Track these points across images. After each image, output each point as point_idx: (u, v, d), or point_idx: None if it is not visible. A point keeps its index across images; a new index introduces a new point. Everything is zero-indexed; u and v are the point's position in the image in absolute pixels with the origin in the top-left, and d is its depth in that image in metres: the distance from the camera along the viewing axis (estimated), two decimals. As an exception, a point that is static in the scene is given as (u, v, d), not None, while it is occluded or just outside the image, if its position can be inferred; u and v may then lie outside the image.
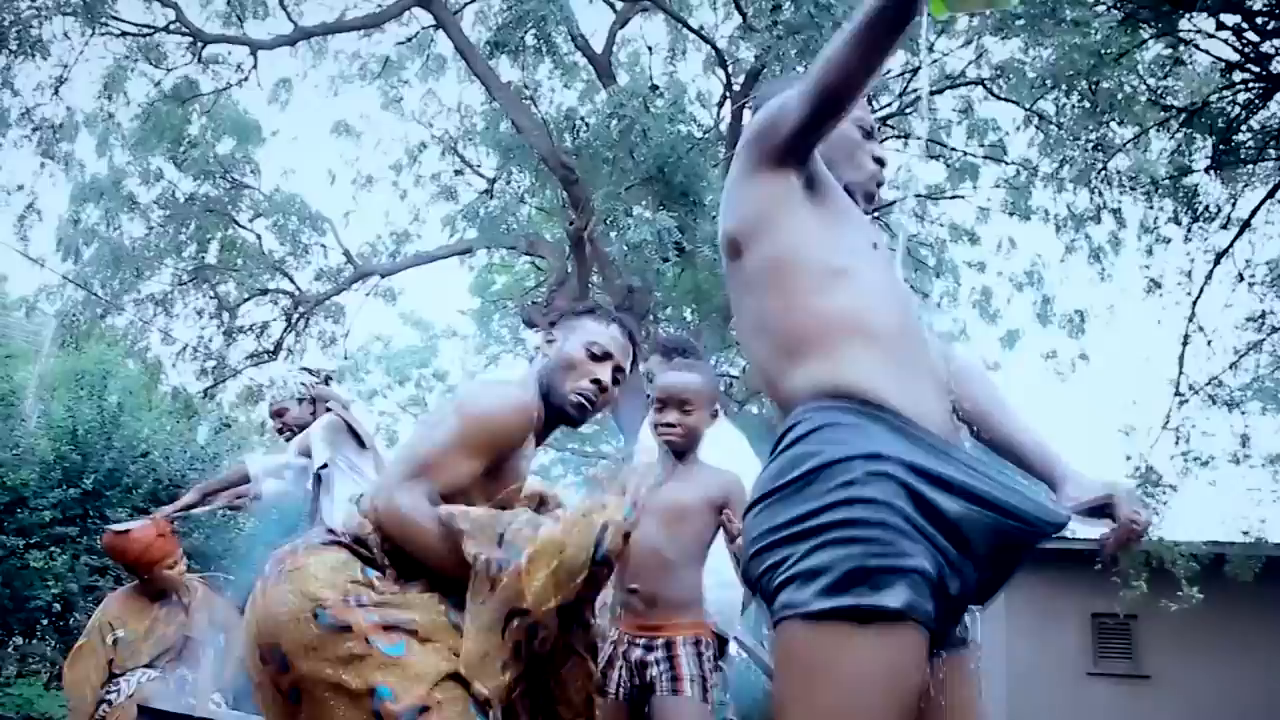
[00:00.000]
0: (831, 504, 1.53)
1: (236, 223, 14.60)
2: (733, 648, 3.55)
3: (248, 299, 14.82)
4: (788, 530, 1.55)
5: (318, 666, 2.02)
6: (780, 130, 1.79)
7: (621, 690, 2.91)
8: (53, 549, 8.83)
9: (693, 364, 3.32)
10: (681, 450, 3.09)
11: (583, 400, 2.50)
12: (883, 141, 2.25)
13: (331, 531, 2.25)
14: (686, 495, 3.01)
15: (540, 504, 2.53)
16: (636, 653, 2.91)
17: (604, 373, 2.54)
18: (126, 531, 4.85)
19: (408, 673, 2.02)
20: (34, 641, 9.48)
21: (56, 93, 12.48)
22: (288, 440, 4.92)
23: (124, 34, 12.68)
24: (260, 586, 2.16)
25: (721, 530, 2.98)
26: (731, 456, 3.37)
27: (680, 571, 2.98)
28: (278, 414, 5.00)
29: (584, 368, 2.52)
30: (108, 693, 4.60)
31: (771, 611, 1.56)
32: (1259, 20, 8.97)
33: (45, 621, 9.22)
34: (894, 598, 1.46)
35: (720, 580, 3.55)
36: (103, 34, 12.36)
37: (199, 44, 12.97)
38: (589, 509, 2.19)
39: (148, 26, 12.74)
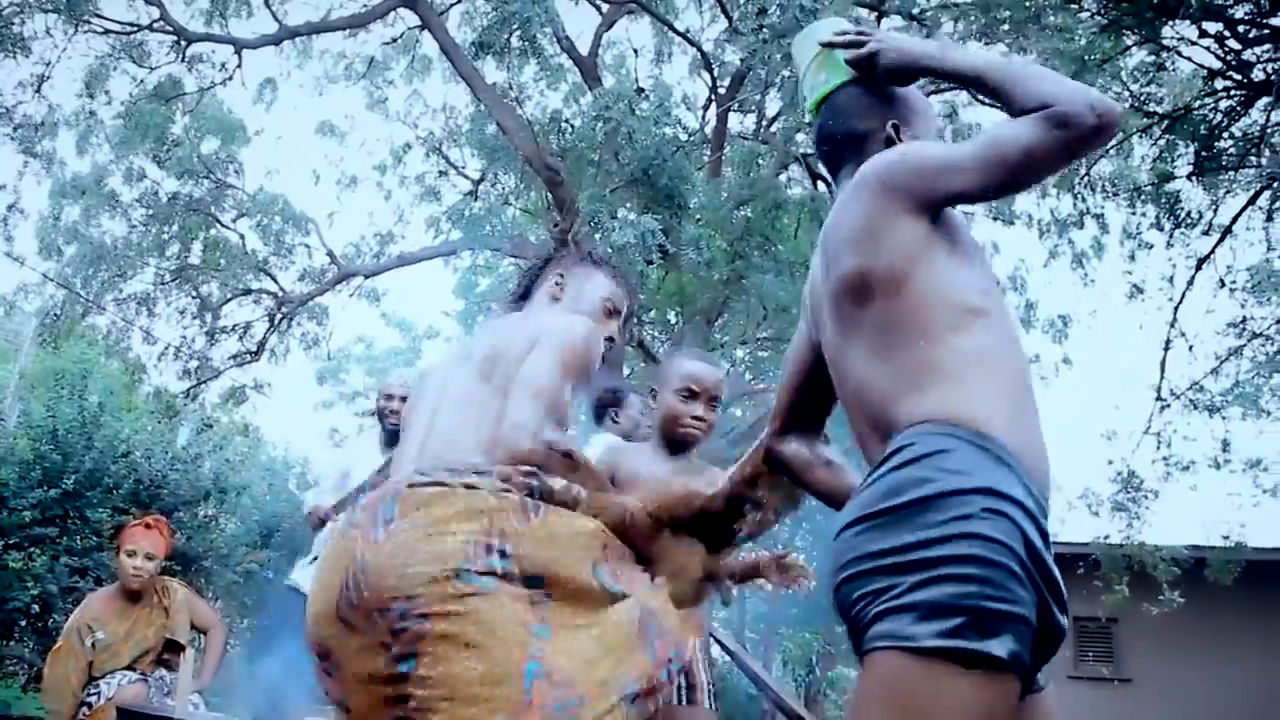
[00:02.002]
0: (947, 537, 1.49)
1: (220, 222, 14.55)
2: (716, 651, 3.54)
3: (230, 299, 14.77)
4: (895, 558, 1.52)
5: (456, 627, 1.79)
6: (942, 186, 1.77)
7: None
8: (32, 550, 8.77)
9: (706, 355, 3.27)
10: (693, 445, 2.98)
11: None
12: None
13: (436, 482, 1.97)
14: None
15: None
16: None
17: (615, 330, 2.53)
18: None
19: (560, 652, 1.85)
20: (11, 643, 9.40)
21: (38, 91, 12.41)
22: (390, 428, 4.73)
23: (107, 32, 12.63)
24: (370, 532, 1.90)
25: None
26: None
27: None
28: (391, 397, 4.83)
29: (602, 323, 2.48)
30: (88, 695, 4.57)
31: (863, 638, 1.53)
32: (1240, 28, 9.03)
33: (24, 623, 9.15)
34: (1001, 646, 1.44)
35: None
36: (85, 32, 12.30)
37: (183, 42, 12.91)
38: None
39: (131, 24, 12.69)
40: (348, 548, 1.90)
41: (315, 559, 4.32)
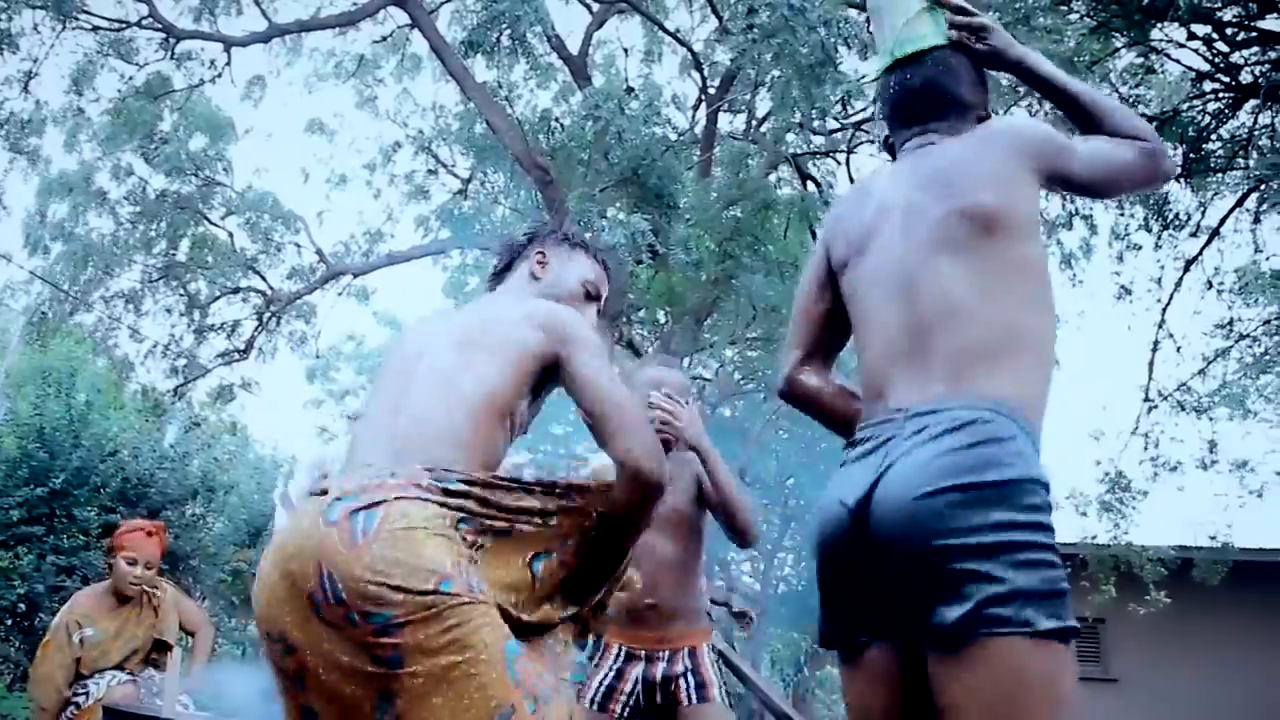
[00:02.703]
0: (1033, 524, 1.63)
1: (208, 220, 14.51)
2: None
3: (219, 297, 14.74)
4: (987, 537, 1.59)
5: (436, 632, 1.79)
6: (1061, 164, 1.94)
7: (628, 708, 2.83)
8: (18, 548, 8.74)
9: (674, 362, 3.29)
10: (668, 449, 2.99)
11: None
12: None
13: (415, 484, 1.93)
14: (682, 498, 2.93)
15: None
16: (659, 668, 2.83)
17: (592, 315, 2.48)
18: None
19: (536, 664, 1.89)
20: (-2, 642, 9.38)
21: (25, 87, 12.36)
22: None
23: (95, 28, 12.58)
24: (341, 534, 1.84)
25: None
26: None
27: (692, 578, 2.92)
28: None
29: (582, 308, 2.43)
30: (76, 694, 4.55)
31: (968, 619, 1.57)
32: (1229, 31, 9.06)
33: (9, 622, 9.11)
34: (1074, 619, 1.63)
35: None
36: (73, 28, 12.25)
37: (172, 40, 12.87)
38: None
39: (120, 21, 12.64)
40: (323, 546, 1.84)
41: None
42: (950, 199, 1.88)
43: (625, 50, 14.39)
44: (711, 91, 12.30)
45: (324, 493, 1.95)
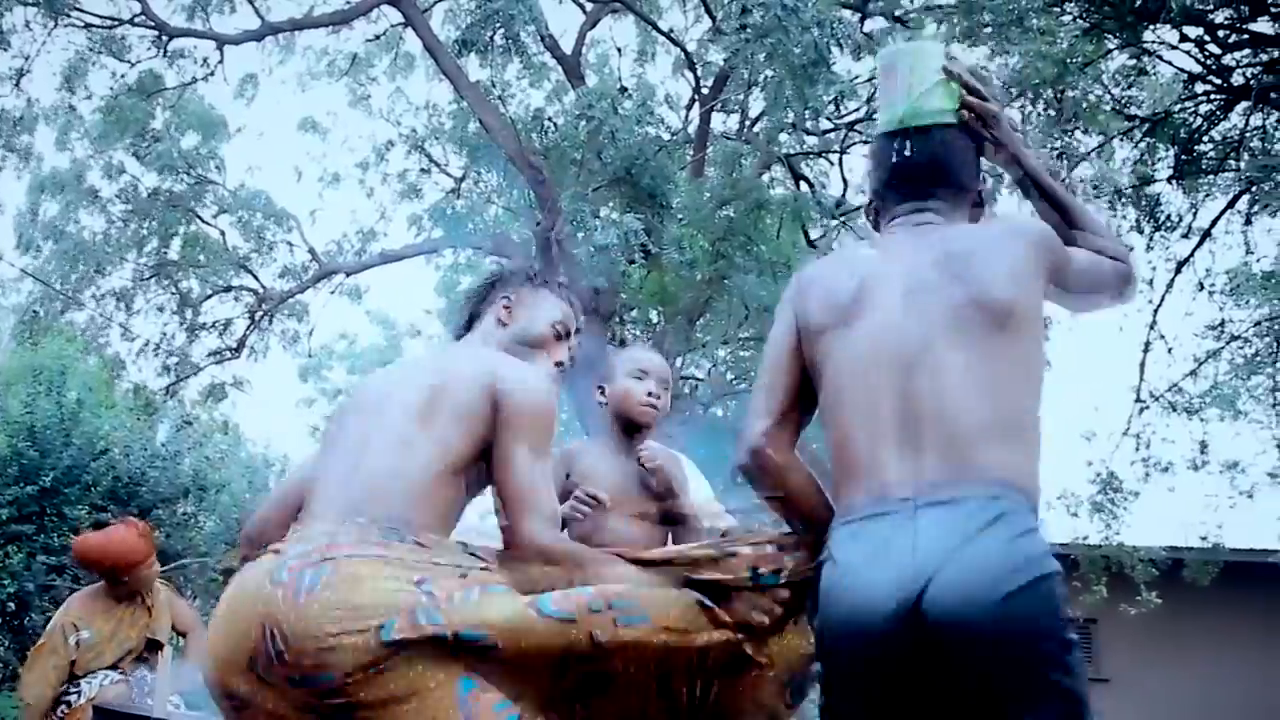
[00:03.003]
0: (1069, 624, 1.68)
1: (200, 218, 14.48)
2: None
3: (210, 296, 14.70)
4: (1063, 637, 1.66)
5: (383, 685, 1.78)
6: (1065, 270, 1.98)
7: None
8: (9, 547, 8.72)
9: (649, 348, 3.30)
10: (649, 427, 2.97)
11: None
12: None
13: (369, 543, 1.92)
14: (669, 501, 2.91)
15: None
16: None
17: (565, 355, 2.49)
18: (105, 535, 4.80)
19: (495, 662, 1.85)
20: (-13, 641, 9.36)
21: (17, 85, 12.33)
22: None
23: (87, 26, 12.55)
24: (285, 593, 1.82)
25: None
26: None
27: None
28: None
29: (553, 349, 2.45)
30: (67, 694, 4.54)
31: (1039, 703, 1.60)
32: (1221, 33, 9.08)
33: None
34: None
35: None
36: (65, 25, 12.23)
37: (164, 37, 12.84)
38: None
39: (112, 19, 12.62)
40: (269, 605, 1.82)
41: None
42: (968, 286, 1.85)
43: (619, 50, 14.39)
44: (705, 91, 12.29)
45: (277, 552, 1.93)
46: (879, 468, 1.76)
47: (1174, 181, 10.16)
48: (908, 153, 2.06)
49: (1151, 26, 8.86)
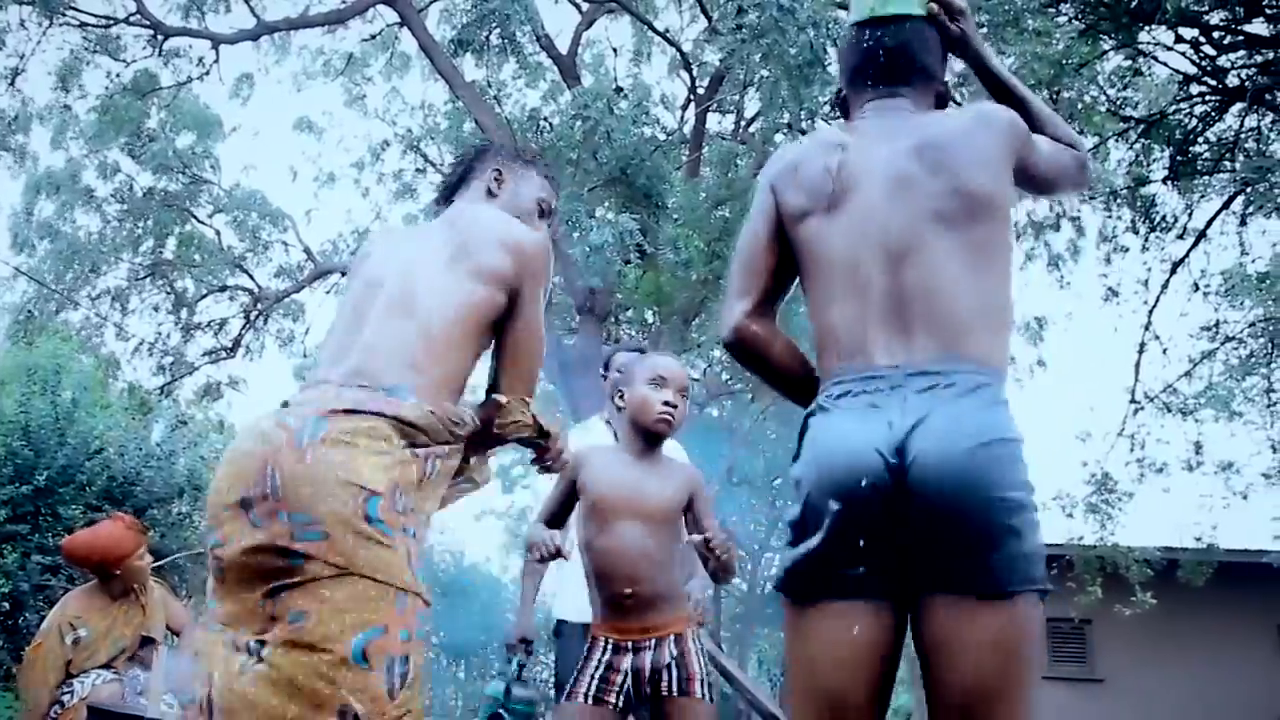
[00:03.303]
0: (1030, 487, 1.74)
1: (195, 218, 14.48)
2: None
3: (206, 295, 14.71)
4: (1021, 494, 1.71)
5: (348, 551, 1.90)
6: (1032, 157, 2.04)
7: (620, 700, 2.79)
8: (3, 547, 8.70)
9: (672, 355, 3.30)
10: (665, 436, 2.99)
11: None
12: None
13: (367, 403, 2.03)
14: (668, 492, 2.91)
15: None
16: (647, 659, 2.79)
17: (545, 226, 2.60)
18: (92, 531, 4.79)
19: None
20: (-19, 641, 9.32)
21: (12, 84, 12.31)
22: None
23: (82, 25, 12.53)
24: (289, 437, 1.96)
25: (691, 535, 2.92)
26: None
27: (670, 569, 2.89)
28: None
29: (537, 224, 2.55)
30: (62, 694, 4.53)
31: (1005, 571, 1.67)
32: (1216, 34, 9.09)
33: (-6, 621, 9.08)
34: None
35: None
36: (61, 24, 12.21)
37: (159, 37, 12.83)
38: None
39: (107, 18, 12.60)
40: (271, 448, 1.97)
41: None
42: (948, 176, 1.91)
43: (614, 50, 14.40)
44: (700, 91, 12.30)
45: (285, 404, 2.09)
46: (870, 346, 1.84)
47: (1169, 182, 10.17)
48: (879, 41, 2.13)
49: (1147, 28, 8.87)
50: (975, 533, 1.66)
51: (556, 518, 2.98)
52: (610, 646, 2.82)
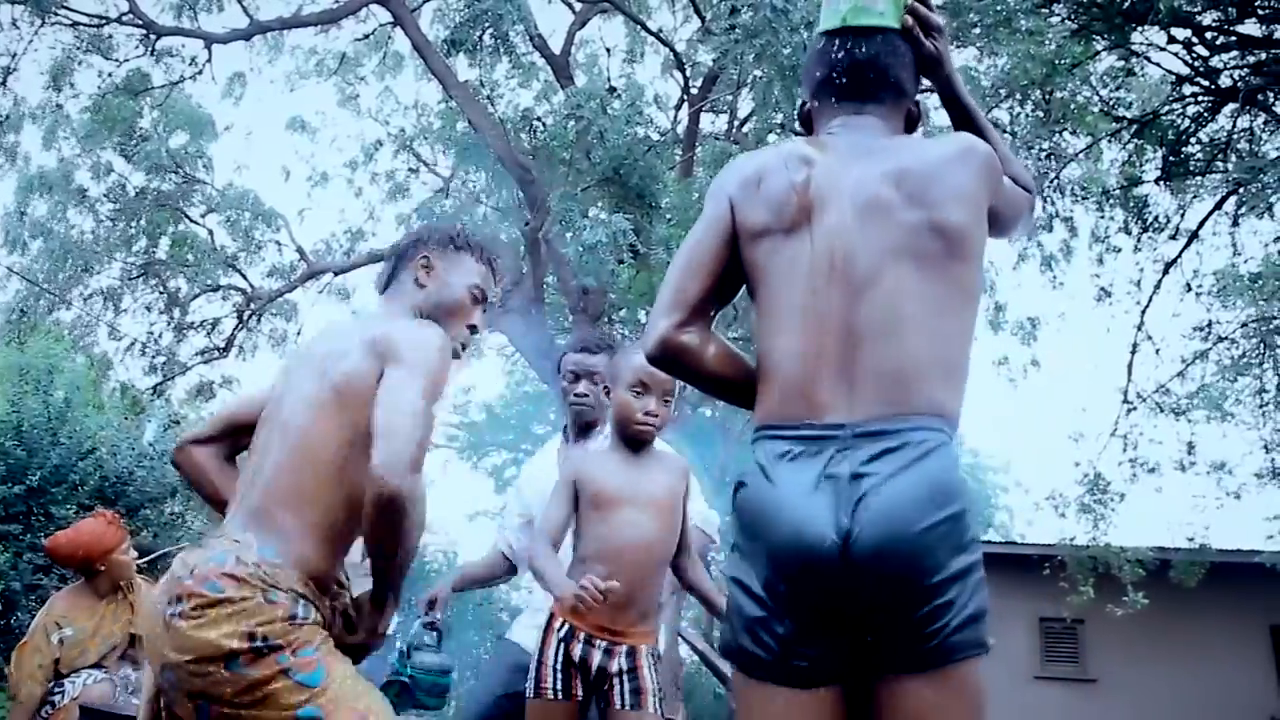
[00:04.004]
0: (978, 545, 1.69)
1: (188, 218, 14.46)
2: (685, 651, 3.51)
3: (198, 295, 14.68)
4: (963, 561, 1.65)
5: (236, 710, 2.01)
6: (999, 199, 1.94)
7: (566, 691, 2.74)
8: (-5, 546, 8.69)
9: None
10: (647, 444, 2.94)
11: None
12: None
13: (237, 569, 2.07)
14: (668, 481, 2.89)
15: None
16: (596, 657, 2.75)
17: (480, 318, 2.51)
18: (74, 528, 4.79)
19: (335, 693, 2.02)
20: (-27, 641, 9.30)
21: (4, 83, 12.29)
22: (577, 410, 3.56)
23: (74, 24, 12.51)
24: (164, 617, 2.04)
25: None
26: None
27: (660, 571, 2.87)
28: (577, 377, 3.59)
29: (468, 313, 2.48)
30: (52, 694, 4.52)
31: (946, 643, 1.62)
32: (1208, 35, 9.12)
33: (-15, 620, 9.06)
34: None
35: None
36: (53, 24, 12.18)
37: (152, 36, 12.81)
38: None
39: (99, 17, 12.58)
40: (154, 626, 2.07)
41: None
42: (923, 208, 1.81)
43: (608, 50, 14.39)
44: (694, 91, 12.30)
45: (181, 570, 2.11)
46: (816, 392, 1.74)
47: (1162, 183, 10.20)
48: (850, 52, 2.01)
49: (1140, 28, 8.90)
50: (920, 617, 1.61)
51: (562, 529, 2.88)
52: (566, 630, 2.78)
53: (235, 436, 2.49)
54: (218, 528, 2.21)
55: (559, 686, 2.74)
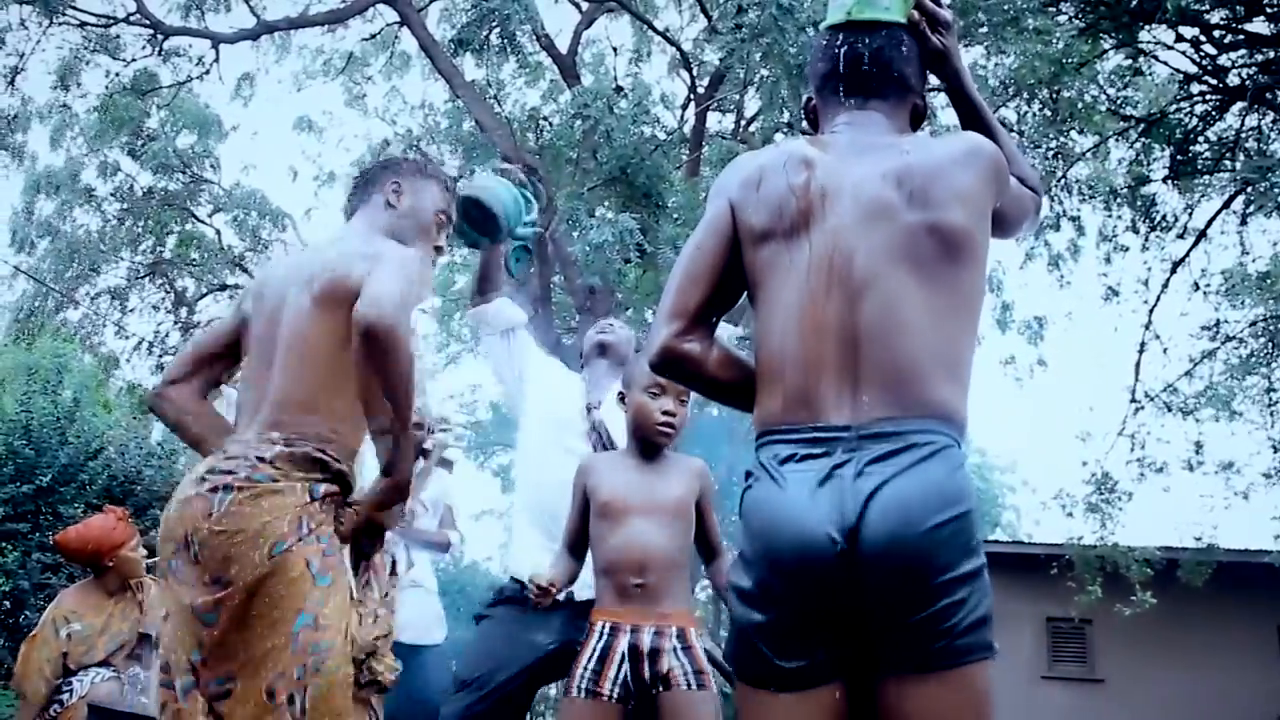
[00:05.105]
0: (980, 551, 1.69)
1: (195, 217, 14.49)
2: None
3: (206, 294, 14.72)
4: (970, 564, 1.65)
5: (260, 595, 2.17)
6: (1004, 198, 1.92)
7: (617, 690, 2.70)
8: (4, 546, 8.70)
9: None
10: (666, 446, 2.93)
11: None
12: None
13: (271, 458, 2.25)
14: (678, 490, 2.86)
15: None
16: (646, 639, 2.70)
17: (444, 241, 2.69)
18: (84, 524, 4.81)
19: (330, 605, 2.20)
20: (-18, 640, 9.32)
21: (11, 83, 12.31)
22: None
23: (82, 24, 12.53)
24: (204, 507, 2.21)
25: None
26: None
27: (682, 566, 2.86)
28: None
29: (434, 235, 2.66)
30: (60, 692, 4.53)
31: (951, 643, 1.62)
32: (1216, 33, 9.10)
33: (-6, 619, 9.08)
34: None
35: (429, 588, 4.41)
36: (60, 24, 12.21)
37: (159, 36, 12.82)
38: None
39: (107, 17, 12.59)
40: (190, 515, 2.23)
41: None
42: (925, 209, 1.78)
43: (614, 49, 14.40)
44: (700, 91, 12.30)
45: (209, 470, 2.29)
46: (820, 395, 1.73)
47: (1169, 182, 10.18)
48: (855, 47, 1.99)
49: (1147, 27, 8.88)
50: (928, 616, 1.61)
51: (579, 546, 2.90)
52: (607, 629, 2.76)
53: (210, 369, 2.59)
54: (236, 436, 2.36)
55: (585, 685, 2.71)
